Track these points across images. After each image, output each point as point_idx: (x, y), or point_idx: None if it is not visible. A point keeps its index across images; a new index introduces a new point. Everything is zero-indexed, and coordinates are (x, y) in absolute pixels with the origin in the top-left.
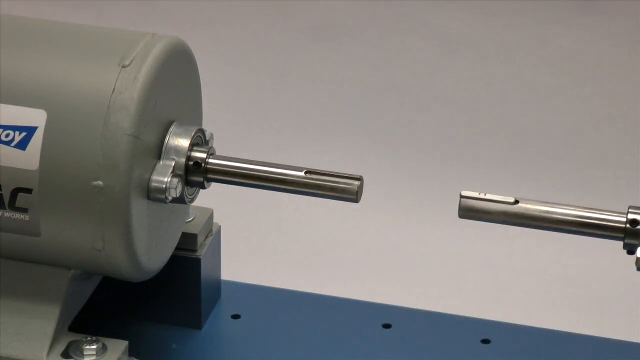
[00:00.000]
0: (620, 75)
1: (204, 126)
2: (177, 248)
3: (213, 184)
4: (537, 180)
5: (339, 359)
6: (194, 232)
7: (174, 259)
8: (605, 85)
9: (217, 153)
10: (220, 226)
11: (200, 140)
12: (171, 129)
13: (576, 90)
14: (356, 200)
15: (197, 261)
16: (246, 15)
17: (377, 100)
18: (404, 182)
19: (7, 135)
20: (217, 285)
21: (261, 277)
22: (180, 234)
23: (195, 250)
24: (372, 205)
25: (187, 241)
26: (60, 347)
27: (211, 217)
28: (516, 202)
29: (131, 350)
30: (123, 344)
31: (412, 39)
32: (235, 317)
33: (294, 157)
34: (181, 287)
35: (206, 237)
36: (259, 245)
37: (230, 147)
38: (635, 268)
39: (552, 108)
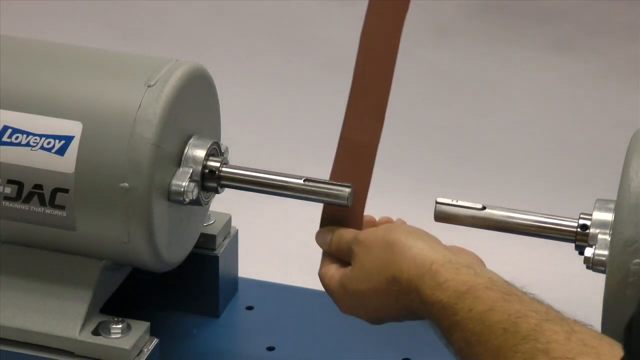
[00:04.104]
0: (591, 106)
1: (225, 142)
2: (198, 247)
3: (233, 194)
4: (515, 197)
5: (336, 344)
6: (213, 233)
7: (196, 256)
8: (578, 115)
9: (231, 163)
10: (237, 229)
11: (216, 151)
12: (190, 141)
13: (552, 120)
14: (347, 205)
15: (215, 258)
16: (268, 52)
17: None
18: (393, 193)
19: (48, 143)
20: (234, 280)
21: (274, 275)
22: (199, 234)
23: (214, 249)
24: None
25: (207, 241)
26: (92, 326)
27: (229, 221)
28: (483, 208)
29: (159, 333)
30: (145, 325)
31: (410, 73)
32: (249, 308)
33: (295, 167)
34: (202, 280)
35: (224, 238)
36: (272, 248)
37: (244, 158)
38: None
39: (531, 134)
